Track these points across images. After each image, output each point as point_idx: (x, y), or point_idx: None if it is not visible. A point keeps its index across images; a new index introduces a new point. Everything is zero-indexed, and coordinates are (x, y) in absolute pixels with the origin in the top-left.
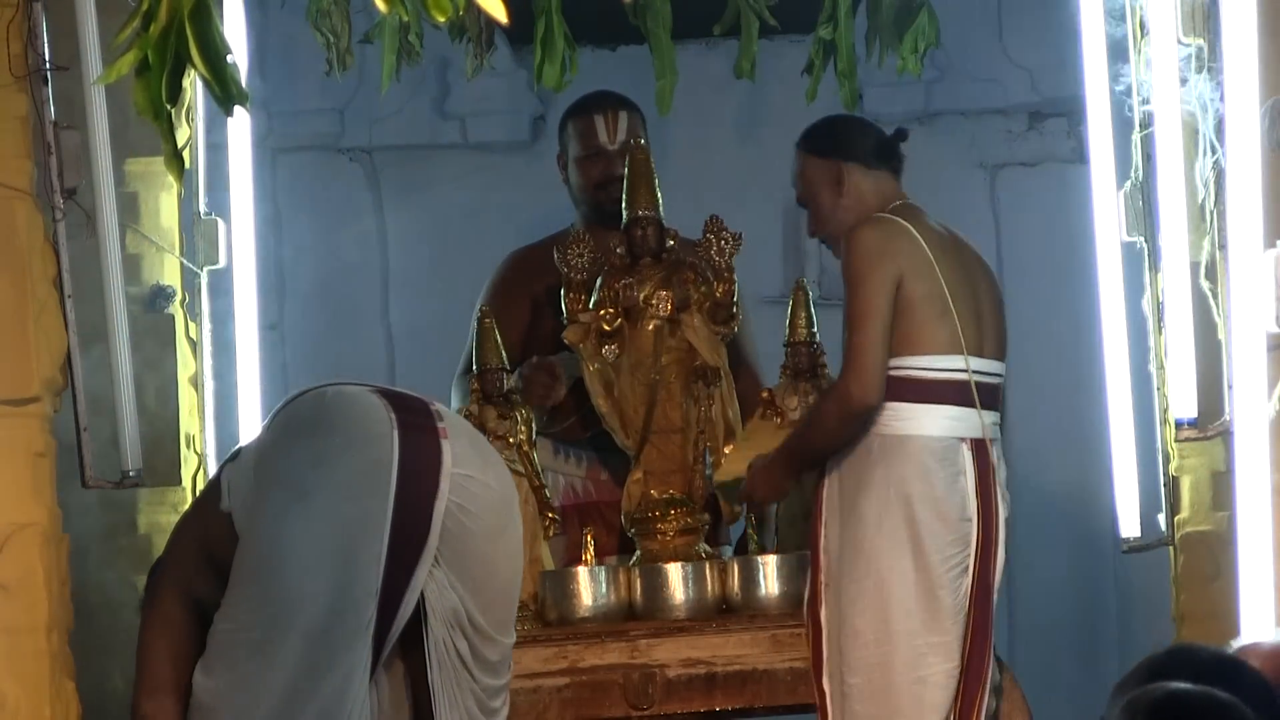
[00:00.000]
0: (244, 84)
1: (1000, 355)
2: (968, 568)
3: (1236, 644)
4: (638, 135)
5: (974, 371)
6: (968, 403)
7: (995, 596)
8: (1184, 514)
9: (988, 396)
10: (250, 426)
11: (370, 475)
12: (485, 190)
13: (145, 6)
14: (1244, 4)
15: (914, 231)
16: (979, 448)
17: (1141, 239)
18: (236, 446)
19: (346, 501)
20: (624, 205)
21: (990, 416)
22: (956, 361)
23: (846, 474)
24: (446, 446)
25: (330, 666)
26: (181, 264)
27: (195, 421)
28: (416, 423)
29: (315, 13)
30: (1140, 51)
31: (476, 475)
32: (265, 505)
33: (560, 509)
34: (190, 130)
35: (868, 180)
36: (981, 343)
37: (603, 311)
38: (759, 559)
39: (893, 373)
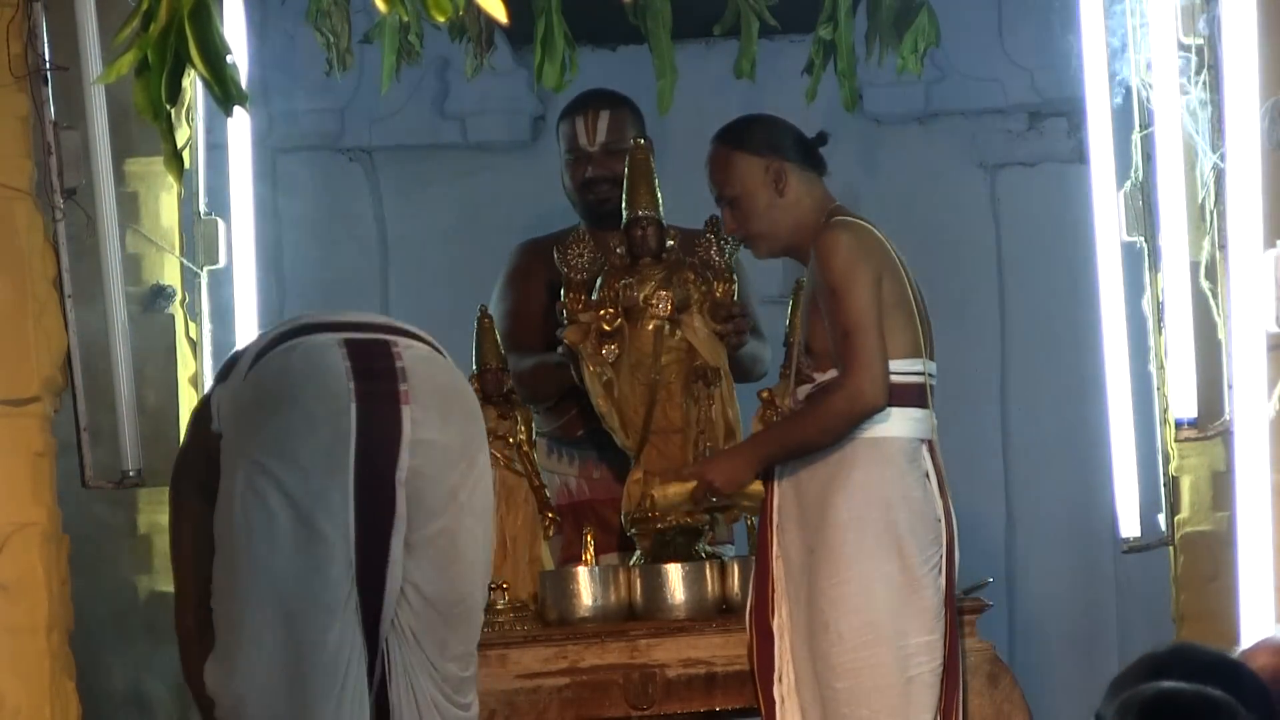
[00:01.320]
0: (244, 84)
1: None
2: (942, 567)
3: (1243, 645)
4: (624, 134)
5: (929, 373)
6: (924, 404)
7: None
8: (1184, 514)
9: (934, 397)
10: None
11: (330, 452)
12: (485, 190)
13: (145, 6)
14: (1244, 4)
15: (879, 235)
16: (932, 448)
17: (1141, 239)
18: (228, 360)
19: (308, 479)
20: (624, 205)
21: (934, 417)
22: (916, 364)
23: (809, 479)
24: (406, 414)
25: (315, 645)
26: (181, 264)
27: None
28: (377, 390)
29: (315, 13)
30: (1140, 51)
31: (437, 438)
32: (233, 482)
33: (555, 508)
34: (190, 130)
35: (803, 182)
36: (928, 344)
37: (603, 311)
38: None
39: None
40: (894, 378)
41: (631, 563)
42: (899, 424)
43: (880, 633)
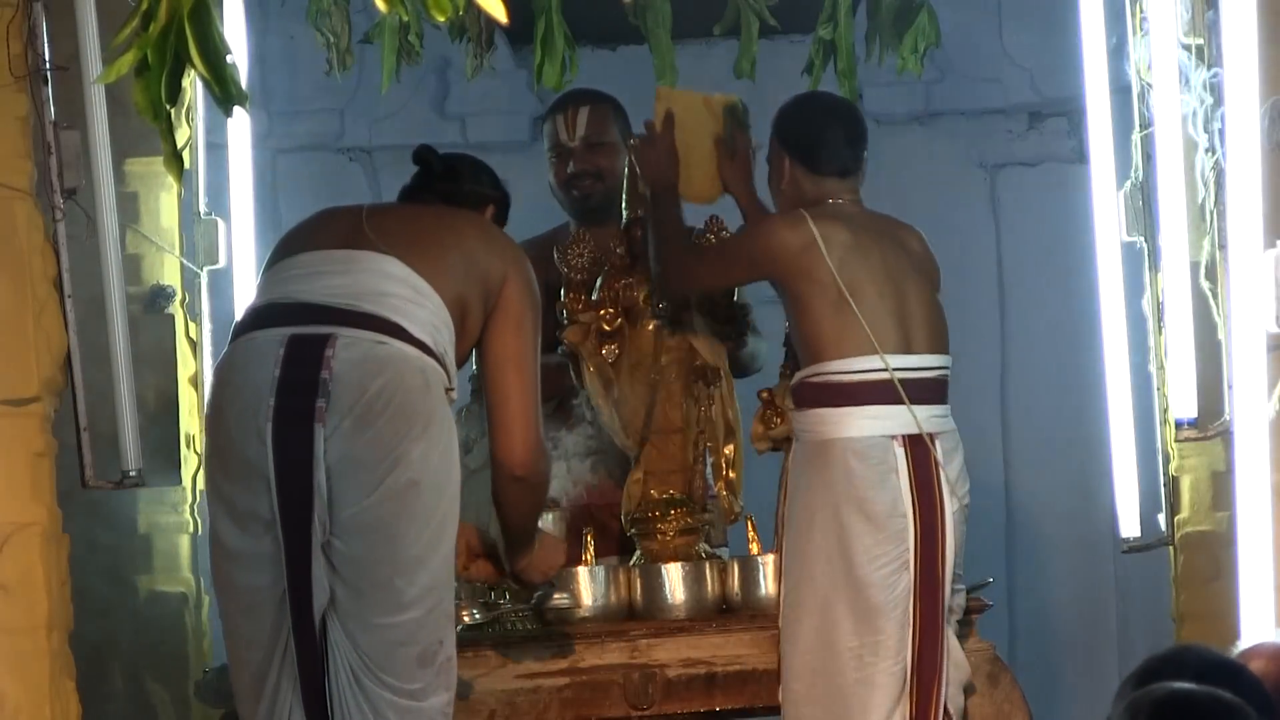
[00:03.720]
0: (244, 84)
1: (937, 348)
2: (907, 563)
3: (1240, 645)
4: (605, 128)
5: (899, 369)
6: (890, 400)
7: (949, 588)
8: (1184, 514)
9: (924, 392)
10: None
11: (256, 469)
12: None
13: (145, 6)
14: (1244, 4)
15: (817, 234)
16: (915, 443)
17: (1141, 239)
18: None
19: (239, 491)
20: (624, 206)
21: (929, 410)
22: (872, 361)
23: (789, 484)
24: (319, 433)
25: (251, 639)
26: (181, 264)
27: (195, 421)
28: (292, 406)
29: (315, 13)
30: (1140, 52)
31: (350, 450)
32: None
33: None
34: (190, 130)
35: (808, 180)
36: (909, 339)
37: (603, 311)
38: (759, 559)
39: (813, 379)
40: (841, 377)
41: (631, 563)
42: (851, 424)
43: (829, 635)
